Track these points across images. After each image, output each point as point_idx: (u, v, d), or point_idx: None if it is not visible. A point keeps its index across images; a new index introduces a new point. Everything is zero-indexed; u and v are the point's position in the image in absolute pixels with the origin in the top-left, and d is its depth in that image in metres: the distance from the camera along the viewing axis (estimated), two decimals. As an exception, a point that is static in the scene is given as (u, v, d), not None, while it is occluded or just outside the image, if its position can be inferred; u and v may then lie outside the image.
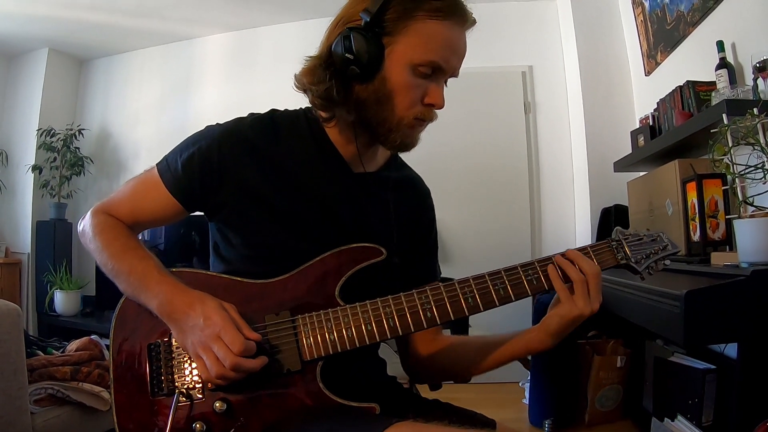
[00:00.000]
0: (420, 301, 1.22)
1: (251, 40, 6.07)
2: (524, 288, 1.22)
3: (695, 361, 2.77)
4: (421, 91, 1.26)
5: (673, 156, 2.94)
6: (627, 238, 1.29)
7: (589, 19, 4.72)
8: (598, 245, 1.28)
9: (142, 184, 1.42)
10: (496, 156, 5.18)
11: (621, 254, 1.27)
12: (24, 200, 6.26)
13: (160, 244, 5.32)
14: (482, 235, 5.05)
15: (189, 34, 6.20)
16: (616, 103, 4.56)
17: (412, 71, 1.24)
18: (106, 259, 1.33)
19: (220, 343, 1.12)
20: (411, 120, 1.28)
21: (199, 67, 6.27)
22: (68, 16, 5.61)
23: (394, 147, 1.35)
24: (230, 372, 1.12)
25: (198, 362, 1.17)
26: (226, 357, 1.11)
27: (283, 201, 1.33)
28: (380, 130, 1.30)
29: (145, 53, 6.52)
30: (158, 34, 6.15)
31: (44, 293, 5.82)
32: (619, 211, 4.01)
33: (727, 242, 2.37)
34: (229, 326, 1.14)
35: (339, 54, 1.24)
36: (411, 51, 1.23)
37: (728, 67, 2.78)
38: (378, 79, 1.25)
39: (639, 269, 1.26)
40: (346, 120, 1.35)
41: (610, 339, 3.61)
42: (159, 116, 6.29)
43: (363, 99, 1.28)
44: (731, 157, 1.98)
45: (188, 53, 6.31)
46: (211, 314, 1.16)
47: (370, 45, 1.21)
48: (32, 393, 2.38)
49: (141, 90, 6.47)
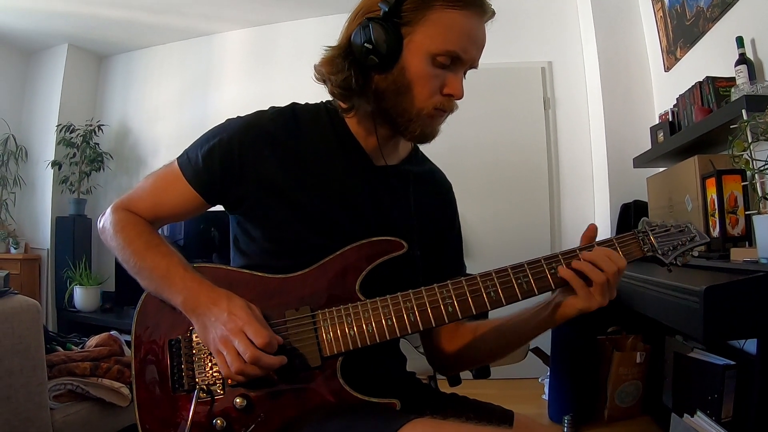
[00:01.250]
0: (441, 296, 1.21)
1: (270, 36, 6.07)
2: (548, 282, 1.20)
3: (715, 357, 2.76)
4: (439, 81, 1.26)
5: (692, 152, 2.93)
6: (654, 229, 1.26)
7: (609, 14, 4.70)
8: (624, 236, 1.25)
9: (162, 179, 1.42)
10: (515, 152, 5.18)
11: (647, 246, 1.24)
12: (43, 196, 6.28)
13: (180, 240, 5.33)
14: (502, 231, 5.04)
15: (208, 30, 6.22)
16: (636, 98, 4.54)
17: (430, 61, 1.24)
18: (129, 256, 1.33)
19: (242, 337, 1.13)
20: (431, 110, 1.28)
21: (218, 64, 6.28)
22: (87, 12, 5.63)
23: (414, 138, 1.34)
24: (250, 367, 1.12)
25: (218, 357, 1.17)
26: (247, 350, 1.11)
27: (304, 195, 1.33)
28: (400, 120, 1.30)
29: (164, 49, 6.53)
30: (178, 30, 6.17)
31: (64, 289, 5.86)
32: (639, 207, 4.00)
33: (747, 238, 2.36)
34: (254, 321, 1.15)
35: (358, 44, 1.25)
36: (429, 41, 1.23)
37: (748, 63, 2.77)
38: (397, 69, 1.26)
39: (666, 261, 1.23)
40: (365, 111, 1.35)
41: (630, 335, 3.61)
42: (178, 112, 6.30)
43: (382, 89, 1.28)
44: (751, 152, 1.98)
45: (208, 49, 6.32)
46: (236, 310, 1.17)
47: (388, 35, 1.22)
48: (52, 389, 2.39)
49: (160, 86, 6.49)
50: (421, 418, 1.12)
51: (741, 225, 2.38)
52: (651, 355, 3.57)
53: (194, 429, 1.19)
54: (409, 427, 1.08)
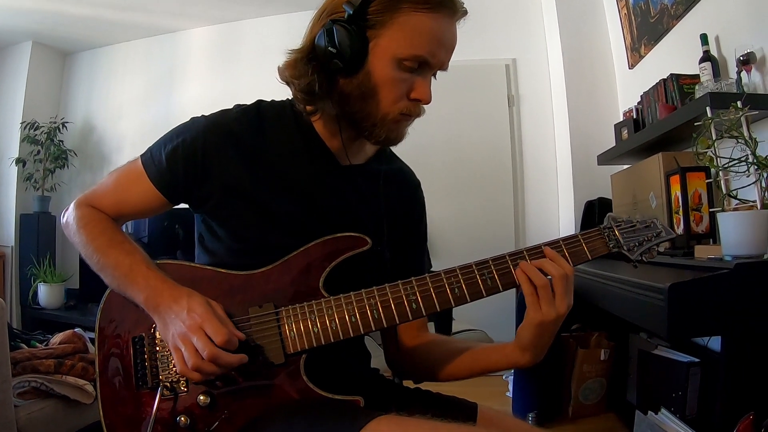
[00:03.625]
0: (405, 293, 1.20)
1: (235, 33, 6.07)
2: (512, 277, 1.19)
3: (679, 354, 2.78)
4: (406, 85, 1.23)
5: (656, 149, 2.94)
6: (619, 224, 1.24)
7: (573, 11, 4.73)
8: (589, 233, 1.24)
9: (125, 176, 1.40)
10: (479, 149, 5.20)
11: (613, 242, 1.22)
12: (7, 193, 6.26)
13: (144, 237, 5.30)
14: (466, 228, 5.06)
15: (173, 27, 6.21)
16: (600, 96, 4.58)
17: (397, 65, 1.21)
18: (92, 252, 1.32)
19: (201, 334, 1.11)
20: (396, 115, 1.25)
21: (183, 61, 6.27)
22: (52, 9, 5.59)
23: (378, 142, 1.32)
24: (208, 364, 1.10)
25: (176, 354, 1.15)
26: (205, 347, 1.09)
27: (268, 196, 1.31)
28: (365, 124, 1.28)
29: (129, 46, 6.51)
30: (142, 27, 6.16)
31: (28, 286, 5.81)
32: (603, 204, 4.02)
33: (711, 235, 2.37)
34: (213, 318, 1.13)
35: (321, 47, 1.21)
36: (396, 45, 1.19)
37: (712, 60, 2.79)
38: (362, 74, 1.22)
39: (632, 257, 1.22)
40: (330, 113, 1.33)
41: (594, 332, 3.62)
42: (143, 110, 6.29)
43: (347, 93, 1.25)
44: (715, 150, 1.98)
45: (172, 46, 6.31)
46: (195, 307, 1.15)
47: (352, 38, 1.18)
48: (16, 386, 2.39)
49: (125, 83, 6.47)
50: (386, 415, 1.11)
51: (705, 222, 2.39)
52: (615, 353, 3.58)
53: (158, 426, 1.17)
54: (373, 425, 1.06)
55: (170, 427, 1.17)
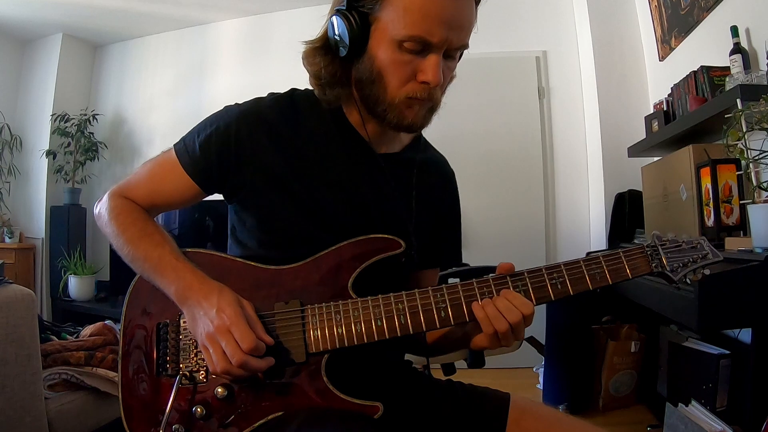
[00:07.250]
0: (434, 300, 1.17)
1: (265, 25, 6.05)
2: (548, 292, 1.15)
3: (709, 347, 2.78)
4: (411, 67, 1.20)
5: (687, 141, 2.92)
6: (664, 244, 1.18)
7: (604, 4, 4.69)
8: (632, 251, 1.18)
9: (159, 166, 1.40)
10: (510, 141, 5.18)
11: (656, 262, 1.16)
12: (38, 185, 6.26)
13: (175, 229, 5.30)
14: (496, 221, 5.04)
15: (203, 19, 6.19)
16: (630, 88, 4.54)
17: (397, 48, 1.18)
18: (123, 244, 1.32)
19: (229, 338, 1.10)
20: (403, 98, 1.23)
21: (213, 53, 6.25)
22: (82, 1, 5.61)
23: (393, 127, 1.29)
24: (236, 369, 1.10)
25: (205, 353, 1.15)
26: (234, 353, 1.09)
27: (302, 185, 1.30)
28: (377, 109, 1.27)
29: (159, 38, 6.49)
30: (173, 19, 6.14)
31: (58, 278, 5.85)
32: (633, 197, 3.99)
33: (741, 227, 2.37)
34: (241, 322, 1.12)
35: (330, 37, 1.25)
36: (391, 27, 1.18)
37: (742, 52, 2.77)
38: (366, 59, 1.23)
39: (674, 278, 1.16)
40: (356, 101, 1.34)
41: (624, 324, 3.62)
42: (173, 102, 6.28)
43: (359, 79, 1.27)
44: (745, 142, 1.98)
45: (203, 38, 6.29)
46: (225, 307, 1.14)
47: (351, 25, 1.20)
48: (46, 378, 2.38)
49: (155, 75, 6.46)
50: None
51: (735, 214, 2.38)
52: (645, 345, 3.58)
53: (174, 414, 1.18)
54: None
55: (186, 416, 1.17)
